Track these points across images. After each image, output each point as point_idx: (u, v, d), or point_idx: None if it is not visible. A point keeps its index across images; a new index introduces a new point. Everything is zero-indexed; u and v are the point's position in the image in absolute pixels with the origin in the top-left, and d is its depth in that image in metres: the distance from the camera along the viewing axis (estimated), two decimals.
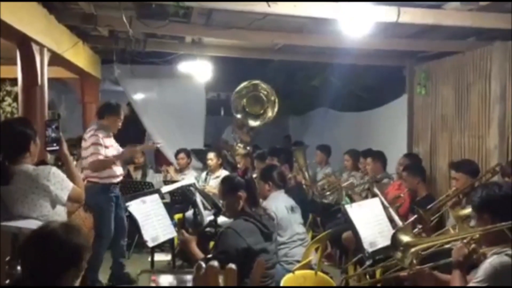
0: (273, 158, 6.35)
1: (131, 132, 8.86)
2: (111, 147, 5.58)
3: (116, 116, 5.65)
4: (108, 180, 5.53)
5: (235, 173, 3.77)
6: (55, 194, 3.31)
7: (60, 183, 3.34)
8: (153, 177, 7.86)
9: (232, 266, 1.07)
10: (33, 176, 3.27)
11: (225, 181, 3.71)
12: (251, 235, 3.31)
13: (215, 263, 1.06)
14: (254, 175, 6.43)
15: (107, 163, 5.48)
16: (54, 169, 3.39)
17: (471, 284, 2.63)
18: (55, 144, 3.44)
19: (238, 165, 7.15)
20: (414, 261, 2.90)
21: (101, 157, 5.40)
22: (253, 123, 7.59)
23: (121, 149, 5.79)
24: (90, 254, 2.17)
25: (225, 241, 3.26)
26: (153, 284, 1.44)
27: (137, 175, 7.86)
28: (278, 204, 4.60)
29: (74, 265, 2.09)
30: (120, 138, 5.92)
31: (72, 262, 2.09)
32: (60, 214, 3.40)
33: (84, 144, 5.57)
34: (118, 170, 5.66)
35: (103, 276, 5.69)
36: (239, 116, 7.41)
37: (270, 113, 7.44)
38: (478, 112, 5.94)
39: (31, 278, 2.05)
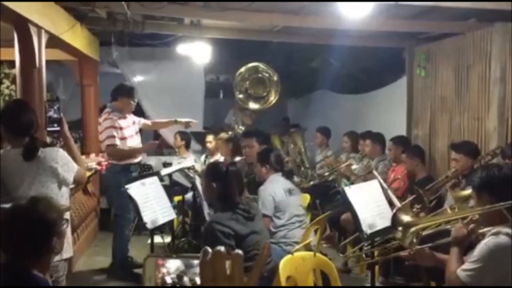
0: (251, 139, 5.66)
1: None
2: (128, 128, 5.62)
3: (129, 98, 5.70)
4: (128, 160, 5.61)
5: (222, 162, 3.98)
6: (62, 176, 3.32)
7: (67, 165, 3.36)
8: (146, 160, 7.80)
9: (239, 251, 1.07)
10: (41, 158, 3.27)
11: (207, 167, 3.83)
12: (234, 223, 3.39)
13: (222, 248, 1.07)
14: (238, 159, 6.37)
15: (124, 153, 5.56)
16: (61, 151, 3.40)
17: (466, 264, 2.65)
18: (56, 125, 3.44)
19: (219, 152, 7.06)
20: (414, 241, 2.92)
21: (116, 141, 5.47)
22: (255, 105, 7.54)
23: (143, 121, 6.00)
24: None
25: (213, 234, 3.31)
26: (161, 268, 1.45)
27: None
28: (276, 187, 4.61)
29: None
30: None
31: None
32: (63, 195, 3.42)
33: (99, 128, 5.65)
34: None
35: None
36: (240, 96, 7.35)
37: (272, 96, 7.39)
38: (478, 94, 5.92)
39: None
